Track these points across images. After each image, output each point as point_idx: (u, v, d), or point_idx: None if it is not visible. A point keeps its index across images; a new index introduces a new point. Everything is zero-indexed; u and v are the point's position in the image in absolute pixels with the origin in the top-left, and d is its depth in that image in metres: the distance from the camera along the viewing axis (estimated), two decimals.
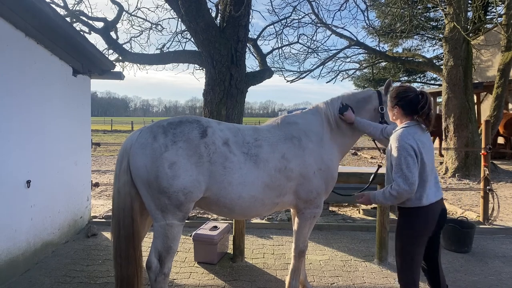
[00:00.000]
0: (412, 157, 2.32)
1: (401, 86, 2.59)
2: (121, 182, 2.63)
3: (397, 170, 2.34)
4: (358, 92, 3.39)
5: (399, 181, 2.32)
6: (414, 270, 2.47)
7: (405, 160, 2.32)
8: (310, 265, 4.13)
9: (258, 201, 2.82)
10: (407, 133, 2.40)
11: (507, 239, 5.11)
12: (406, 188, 2.31)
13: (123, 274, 2.64)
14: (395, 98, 2.54)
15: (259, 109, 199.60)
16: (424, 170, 2.39)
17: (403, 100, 2.49)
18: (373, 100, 3.22)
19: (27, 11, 3.66)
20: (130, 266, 2.64)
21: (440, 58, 19.29)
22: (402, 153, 2.34)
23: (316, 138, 3.05)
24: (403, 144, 2.35)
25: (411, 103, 2.46)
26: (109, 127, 37.20)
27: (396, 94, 2.54)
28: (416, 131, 2.43)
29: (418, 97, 2.44)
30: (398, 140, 2.38)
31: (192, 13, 6.01)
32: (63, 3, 8.00)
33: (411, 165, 2.31)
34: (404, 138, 2.37)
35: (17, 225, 3.72)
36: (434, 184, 2.49)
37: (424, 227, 2.45)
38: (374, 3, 13.90)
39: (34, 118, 4.02)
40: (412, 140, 2.36)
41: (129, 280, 2.64)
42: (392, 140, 2.46)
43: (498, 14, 9.68)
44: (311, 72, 12.96)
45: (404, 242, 2.49)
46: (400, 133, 2.42)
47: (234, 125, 2.99)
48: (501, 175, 10.47)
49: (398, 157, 2.34)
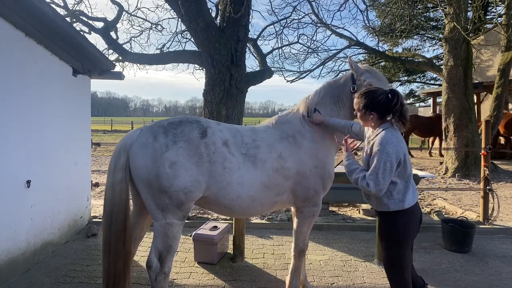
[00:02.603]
0: (391, 163, 2.29)
1: (367, 91, 2.51)
2: (116, 178, 2.62)
3: (372, 171, 2.33)
4: (337, 78, 3.36)
5: (370, 183, 2.31)
6: (405, 275, 2.44)
7: (384, 165, 2.29)
8: (310, 265, 4.13)
9: (257, 200, 2.83)
10: (391, 135, 2.35)
11: (507, 239, 5.11)
12: (373, 191, 2.32)
13: (110, 269, 2.63)
14: (366, 105, 2.46)
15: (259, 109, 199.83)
16: (405, 171, 2.39)
17: (376, 104, 2.43)
18: (348, 82, 3.17)
19: (27, 11, 3.66)
20: (118, 261, 2.63)
21: (440, 58, 19.29)
22: (382, 157, 2.30)
23: (310, 135, 3.06)
24: (387, 149, 2.30)
25: (384, 105, 2.41)
26: (109, 127, 37.18)
27: (367, 100, 2.46)
28: (397, 133, 2.41)
29: (389, 97, 2.40)
30: (383, 143, 2.33)
31: (192, 13, 6.01)
32: (63, 3, 8.00)
33: (387, 171, 2.29)
34: (389, 142, 2.32)
35: (17, 225, 3.72)
36: (412, 185, 2.48)
37: (409, 229, 2.43)
38: (374, 3, 13.91)
39: (34, 118, 4.02)
40: (397, 143, 2.33)
41: (116, 275, 2.62)
42: (375, 142, 2.39)
43: (498, 14, 9.68)
44: (311, 72, 12.97)
45: (391, 248, 2.46)
46: (384, 136, 2.35)
47: (233, 126, 3.01)
48: (501, 175, 10.47)
49: (378, 161, 2.31)
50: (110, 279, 2.63)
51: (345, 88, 3.17)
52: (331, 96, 3.21)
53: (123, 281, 2.66)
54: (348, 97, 3.13)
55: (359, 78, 3.08)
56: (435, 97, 17.59)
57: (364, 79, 3.05)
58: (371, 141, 2.47)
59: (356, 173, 2.43)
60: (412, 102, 28.35)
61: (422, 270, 4.02)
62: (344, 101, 3.18)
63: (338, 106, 3.20)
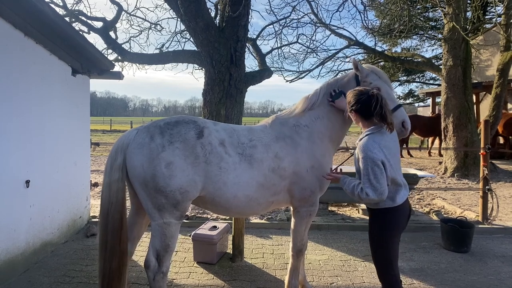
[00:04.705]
0: (378, 167, 2.32)
1: (354, 90, 2.58)
2: (113, 178, 2.63)
3: (365, 180, 2.35)
4: (339, 78, 3.29)
5: (368, 191, 2.33)
6: (394, 268, 2.53)
7: (372, 170, 2.32)
8: (309, 265, 4.13)
9: (253, 200, 2.84)
10: (372, 141, 2.39)
11: (506, 239, 5.12)
12: (375, 198, 2.33)
13: (105, 268, 2.64)
14: (349, 103, 2.55)
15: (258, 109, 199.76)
16: (393, 174, 2.42)
17: (357, 103, 2.49)
18: (351, 83, 3.12)
19: (26, 10, 3.66)
20: (114, 260, 2.64)
21: (439, 58, 19.32)
22: (368, 164, 2.33)
23: (307, 135, 3.05)
24: (369, 155, 2.33)
25: (365, 106, 2.45)
26: (108, 127, 37.14)
27: (350, 99, 2.54)
28: (381, 137, 2.42)
29: (370, 98, 2.43)
30: (364, 151, 2.37)
31: (191, 12, 6.00)
32: (62, 2, 7.98)
33: (378, 175, 2.31)
34: (370, 148, 2.35)
35: (16, 225, 3.72)
36: (403, 185, 2.52)
37: (397, 225, 2.52)
38: (373, 3, 13.91)
39: (33, 118, 4.01)
40: (378, 148, 2.35)
41: (112, 274, 2.64)
42: (358, 149, 2.44)
43: (497, 14, 9.69)
44: (310, 72, 12.97)
45: (379, 244, 2.54)
46: (365, 143, 2.40)
47: (230, 126, 3.00)
48: (500, 175, 10.49)
49: (365, 168, 2.34)
50: (106, 278, 2.65)
51: (347, 88, 3.07)
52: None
53: (118, 280, 2.66)
54: None
55: (365, 80, 3.01)
56: (434, 97, 17.61)
57: (370, 81, 2.98)
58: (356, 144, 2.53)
59: (355, 188, 2.43)
60: (411, 102, 28.36)
61: (421, 270, 4.02)
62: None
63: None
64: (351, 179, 2.54)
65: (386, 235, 2.51)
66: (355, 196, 2.44)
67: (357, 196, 2.42)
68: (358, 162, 2.45)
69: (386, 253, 2.52)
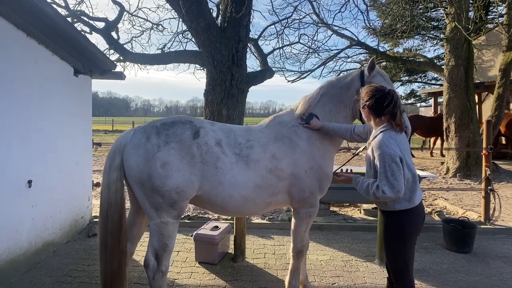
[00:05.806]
0: (396, 163, 2.26)
1: (371, 86, 2.55)
2: (112, 178, 2.65)
3: (382, 178, 2.29)
4: (341, 77, 3.26)
5: (385, 189, 2.27)
6: (410, 272, 2.46)
7: (389, 167, 2.26)
8: (311, 265, 4.13)
9: (249, 200, 2.84)
10: (388, 137, 2.34)
11: (508, 239, 5.10)
12: (392, 196, 2.27)
13: (107, 269, 2.66)
14: (363, 99, 2.51)
15: (260, 109, 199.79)
16: (413, 170, 2.38)
17: (371, 99, 2.44)
18: (355, 82, 3.10)
19: (28, 11, 3.67)
20: (114, 261, 2.66)
21: (441, 58, 19.28)
22: (385, 160, 2.27)
23: (306, 136, 3.03)
24: (386, 151, 2.28)
25: (379, 103, 2.41)
26: (110, 127, 37.25)
27: (365, 94, 2.50)
28: (396, 134, 2.39)
29: (385, 96, 2.41)
30: (380, 147, 2.32)
31: (193, 13, 6.01)
32: (64, 3, 8.02)
33: (396, 172, 2.25)
34: (387, 143, 2.30)
35: (18, 225, 3.73)
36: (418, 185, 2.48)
37: (415, 227, 2.45)
38: (375, 3, 13.91)
39: (35, 118, 4.02)
40: (395, 144, 2.31)
41: (113, 274, 2.65)
42: (374, 146, 2.39)
43: (499, 14, 9.70)
44: (312, 72, 12.99)
45: (396, 248, 2.46)
46: (381, 139, 2.35)
47: (227, 126, 2.99)
48: (502, 175, 10.45)
49: (382, 165, 2.28)
50: (107, 278, 2.66)
51: (351, 88, 3.09)
52: (332, 96, 3.15)
53: (119, 280, 2.67)
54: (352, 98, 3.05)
55: (371, 81, 2.98)
56: (436, 97, 17.56)
57: (376, 82, 2.95)
58: (372, 142, 2.47)
59: (370, 186, 2.37)
60: (413, 102, 28.33)
61: (423, 270, 4.01)
62: (345, 101, 3.12)
63: (339, 107, 3.14)
64: (364, 178, 2.51)
65: (403, 239, 2.42)
66: (370, 195, 2.38)
67: (372, 194, 2.35)
68: (372, 160, 2.41)
69: (402, 257, 2.44)
